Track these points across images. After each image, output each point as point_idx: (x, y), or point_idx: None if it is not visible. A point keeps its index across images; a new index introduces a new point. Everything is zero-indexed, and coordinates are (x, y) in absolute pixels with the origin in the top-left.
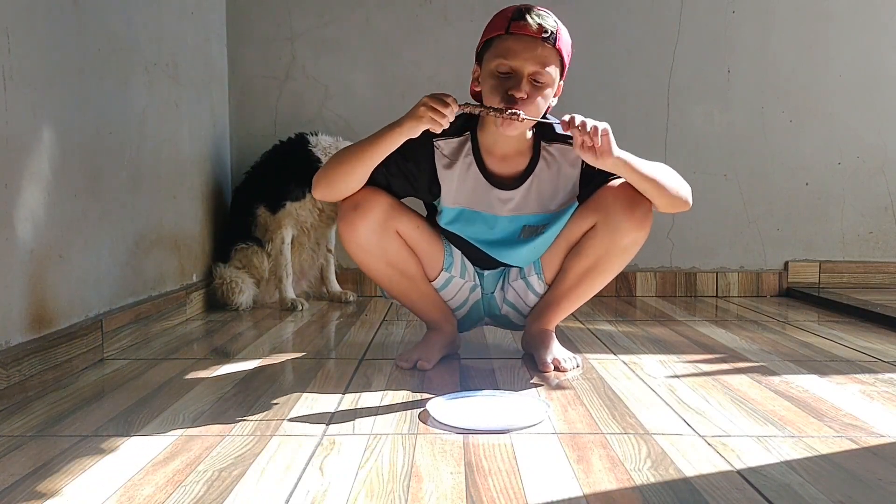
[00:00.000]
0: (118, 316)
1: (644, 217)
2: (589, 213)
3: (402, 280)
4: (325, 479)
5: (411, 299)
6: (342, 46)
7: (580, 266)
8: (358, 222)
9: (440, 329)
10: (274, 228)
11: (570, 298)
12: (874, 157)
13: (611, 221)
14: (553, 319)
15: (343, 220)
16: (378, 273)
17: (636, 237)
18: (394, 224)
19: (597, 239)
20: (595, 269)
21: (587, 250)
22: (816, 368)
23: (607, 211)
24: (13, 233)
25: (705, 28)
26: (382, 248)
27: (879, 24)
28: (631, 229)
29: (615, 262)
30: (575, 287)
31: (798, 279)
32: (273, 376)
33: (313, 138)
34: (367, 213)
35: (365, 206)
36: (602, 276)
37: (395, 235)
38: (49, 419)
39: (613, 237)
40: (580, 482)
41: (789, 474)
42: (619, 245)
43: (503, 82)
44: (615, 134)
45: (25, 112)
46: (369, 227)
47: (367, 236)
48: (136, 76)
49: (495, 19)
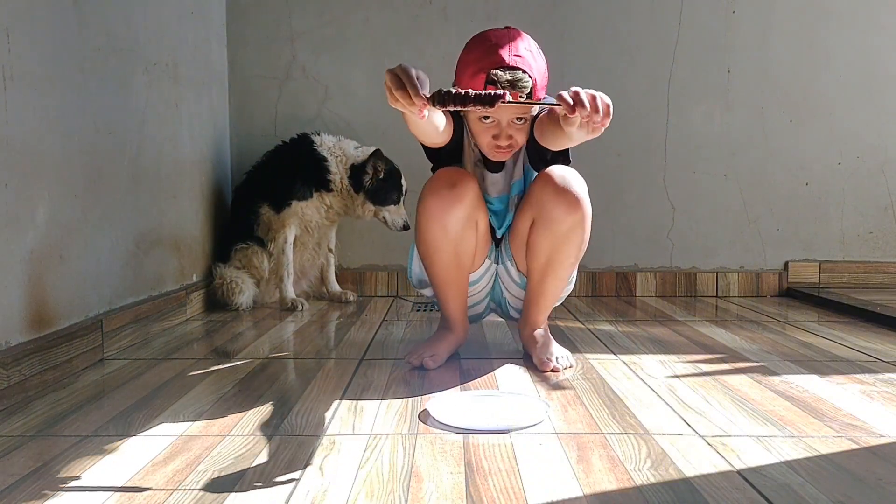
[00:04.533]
0: (118, 316)
1: (574, 200)
2: (527, 207)
3: (454, 270)
4: (325, 479)
5: (450, 288)
6: (342, 46)
7: (538, 264)
8: (451, 204)
9: (454, 330)
10: (277, 227)
11: (543, 294)
12: (874, 157)
13: (545, 214)
14: (538, 318)
15: (436, 196)
16: (441, 257)
17: (573, 221)
18: (476, 215)
19: (539, 235)
20: (552, 263)
21: (537, 248)
22: (816, 368)
23: (540, 204)
24: (13, 233)
25: (705, 28)
26: (460, 237)
27: (879, 24)
28: (565, 215)
29: (566, 250)
30: (542, 284)
31: (798, 279)
32: (273, 376)
33: (317, 138)
34: (463, 197)
35: (461, 187)
36: (563, 267)
37: (474, 227)
38: (49, 419)
39: (552, 228)
40: (580, 482)
41: (789, 474)
42: (559, 235)
43: (488, 128)
44: (614, 135)
45: (25, 112)
46: (461, 213)
47: (454, 221)
48: (136, 76)
49: (471, 66)
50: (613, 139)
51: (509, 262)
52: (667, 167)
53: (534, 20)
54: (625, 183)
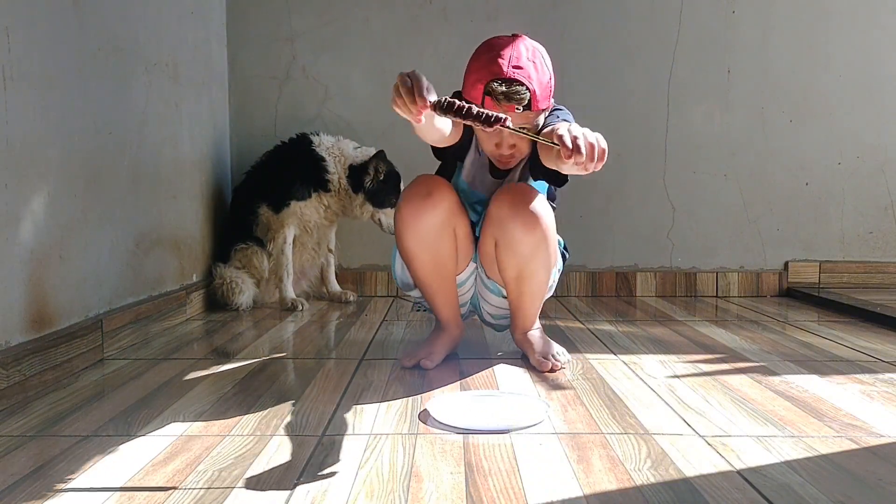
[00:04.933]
0: (118, 316)
1: (532, 218)
2: (488, 226)
3: (437, 276)
4: (325, 479)
5: (436, 292)
6: (342, 46)
7: (509, 279)
8: (425, 212)
9: (448, 329)
10: (276, 228)
11: (522, 305)
12: (874, 157)
13: (505, 235)
14: (525, 323)
15: (410, 204)
16: (421, 264)
17: (534, 241)
18: (454, 222)
19: (503, 255)
20: (523, 279)
21: (505, 267)
22: (816, 368)
23: (500, 223)
24: (13, 233)
25: (705, 28)
26: (437, 245)
27: (879, 24)
28: (524, 235)
29: (533, 268)
30: (520, 297)
31: (798, 279)
32: (273, 376)
33: (316, 138)
34: (437, 205)
35: (436, 196)
36: (534, 281)
37: (451, 234)
38: (49, 419)
39: (514, 249)
40: (580, 482)
41: (789, 474)
42: (524, 255)
43: (490, 136)
44: (614, 135)
45: (25, 112)
46: (434, 220)
47: (427, 228)
48: (136, 76)
49: (473, 74)
50: (613, 139)
51: (480, 269)
52: (667, 167)
53: (534, 20)
54: (625, 183)
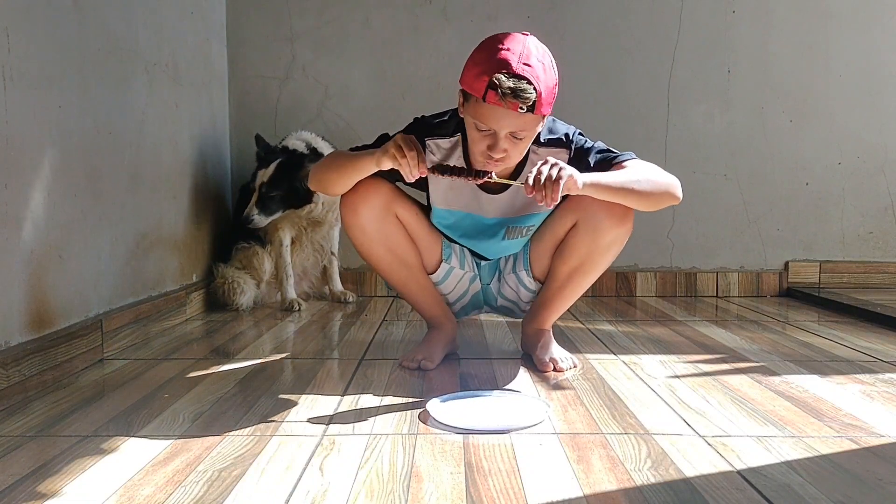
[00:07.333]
0: (118, 316)
1: (624, 214)
2: (570, 211)
3: (401, 268)
4: (325, 479)
5: (412, 290)
6: (342, 46)
7: (566, 267)
8: (360, 205)
9: (441, 327)
10: (272, 231)
11: (560, 298)
12: (874, 157)
13: (591, 220)
14: (547, 319)
15: (345, 204)
16: (378, 259)
17: (617, 234)
18: (394, 208)
19: (578, 238)
20: (581, 269)
21: (571, 251)
22: (816, 368)
23: (587, 209)
24: (13, 233)
25: (705, 28)
26: (384, 233)
27: (879, 24)
28: (611, 227)
29: (599, 260)
30: (563, 287)
31: (798, 279)
32: (273, 376)
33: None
34: (369, 197)
35: (367, 190)
36: (589, 275)
37: (395, 220)
38: (49, 419)
39: (595, 236)
40: (580, 482)
41: (789, 474)
42: (601, 244)
43: (483, 136)
44: (614, 135)
45: (25, 112)
46: (371, 210)
47: (367, 219)
48: (136, 76)
49: (478, 66)
50: (614, 139)
51: (524, 272)
52: (667, 167)
53: (533, 20)
54: None
